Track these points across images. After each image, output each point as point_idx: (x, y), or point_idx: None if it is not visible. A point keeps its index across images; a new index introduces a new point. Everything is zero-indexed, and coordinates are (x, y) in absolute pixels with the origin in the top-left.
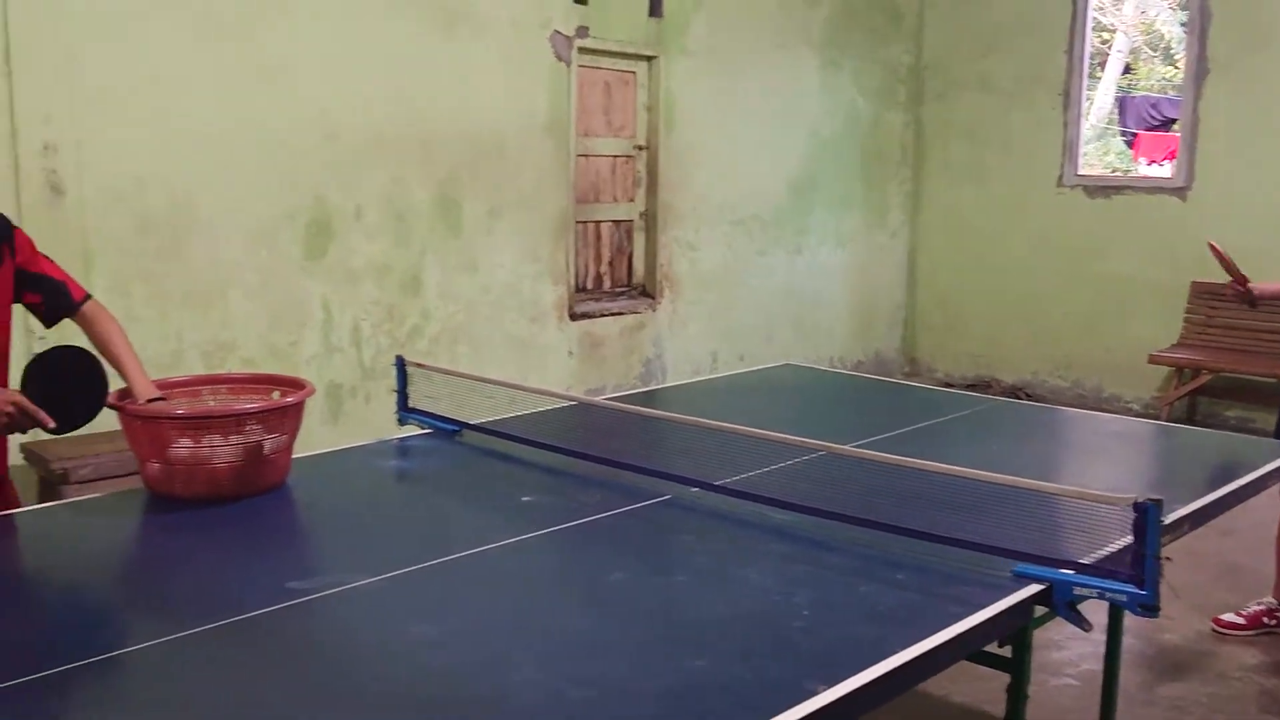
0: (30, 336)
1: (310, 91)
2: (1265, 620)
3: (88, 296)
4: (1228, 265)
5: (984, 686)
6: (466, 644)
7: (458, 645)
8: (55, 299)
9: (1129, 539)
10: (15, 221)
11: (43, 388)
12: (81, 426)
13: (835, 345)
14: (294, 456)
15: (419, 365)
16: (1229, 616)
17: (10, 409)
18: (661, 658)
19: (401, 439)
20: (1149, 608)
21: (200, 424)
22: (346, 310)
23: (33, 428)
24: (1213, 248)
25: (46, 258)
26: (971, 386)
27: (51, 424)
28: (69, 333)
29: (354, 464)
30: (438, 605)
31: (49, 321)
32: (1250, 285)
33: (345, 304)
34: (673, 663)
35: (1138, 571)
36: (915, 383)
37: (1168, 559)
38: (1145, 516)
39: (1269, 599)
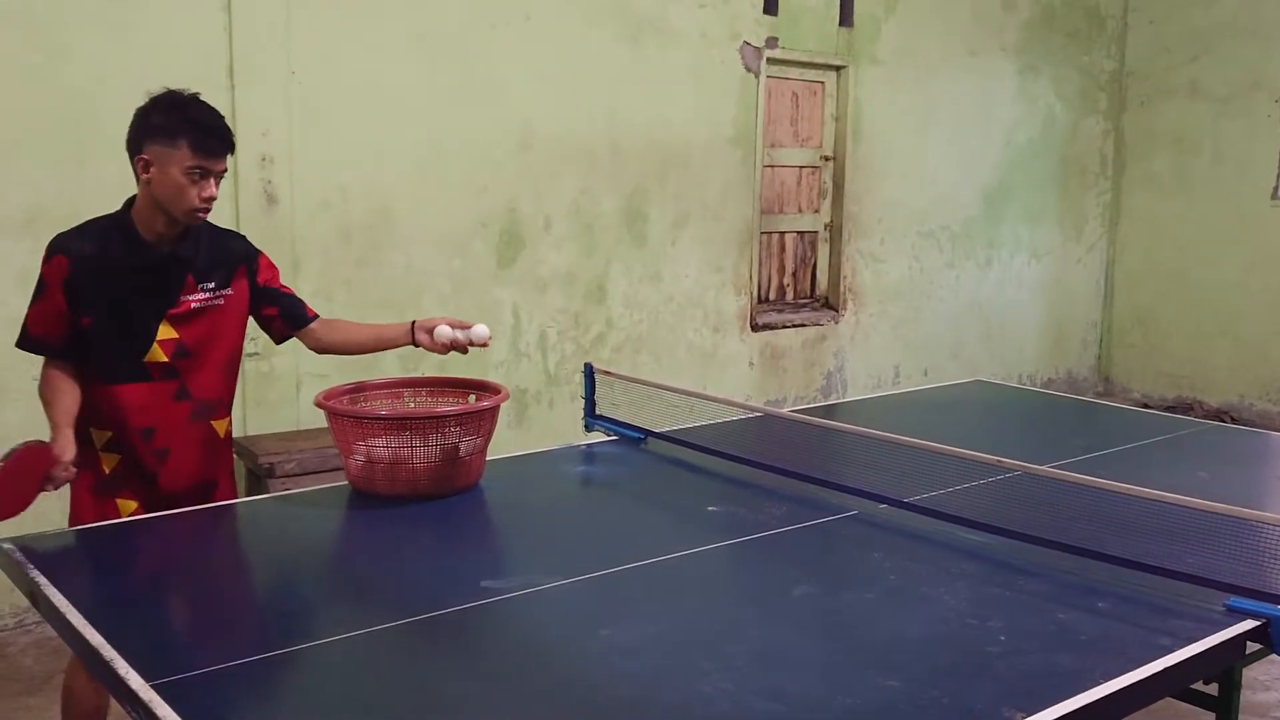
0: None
1: (508, 104)
2: None
3: (316, 315)
4: None
5: None
6: (656, 650)
7: (648, 651)
8: (292, 313)
9: None
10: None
11: None
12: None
13: (1025, 362)
14: (486, 459)
15: (606, 373)
16: None
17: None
18: (852, 675)
19: (589, 445)
20: None
21: (402, 425)
22: (534, 318)
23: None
24: None
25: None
26: (1171, 409)
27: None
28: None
29: (543, 468)
30: (628, 610)
31: (281, 337)
32: None
33: (533, 311)
34: (864, 681)
35: None
36: (1112, 403)
37: None
38: None
39: None
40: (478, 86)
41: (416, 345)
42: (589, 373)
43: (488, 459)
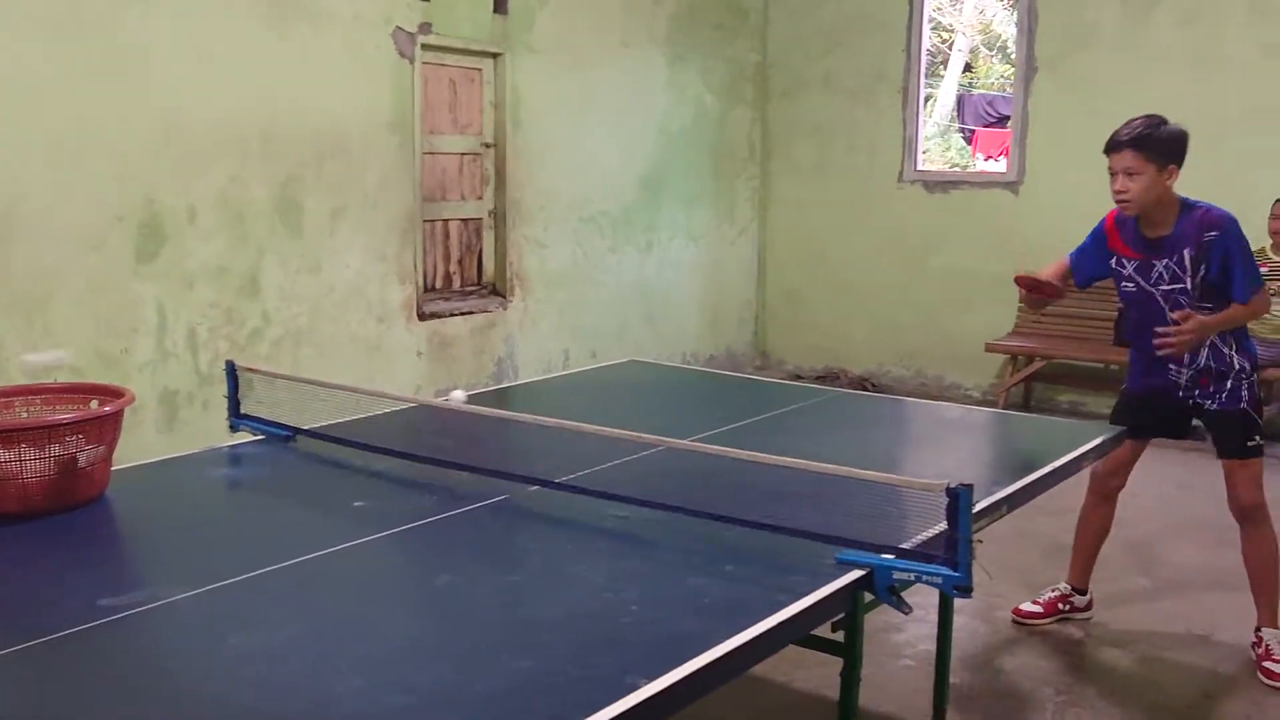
0: None
1: (144, 88)
2: (1061, 606)
3: None
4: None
5: (825, 672)
6: (290, 654)
7: (280, 656)
8: None
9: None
10: None
11: None
12: None
13: (687, 341)
14: (119, 468)
15: (251, 370)
16: (1027, 606)
17: None
18: (488, 660)
19: (232, 446)
20: (963, 589)
21: (7, 436)
22: (181, 315)
23: None
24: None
25: None
26: (820, 379)
27: None
28: None
29: (180, 474)
30: (261, 616)
31: None
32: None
33: (180, 308)
34: (499, 664)
35: (951, 554)
36: (764, 376)
37: (979, 541)
38: (957, 501)
39: (1063, 585)
40: (109, 69)
41: None
42: (230, 370)
43: (121, 467)
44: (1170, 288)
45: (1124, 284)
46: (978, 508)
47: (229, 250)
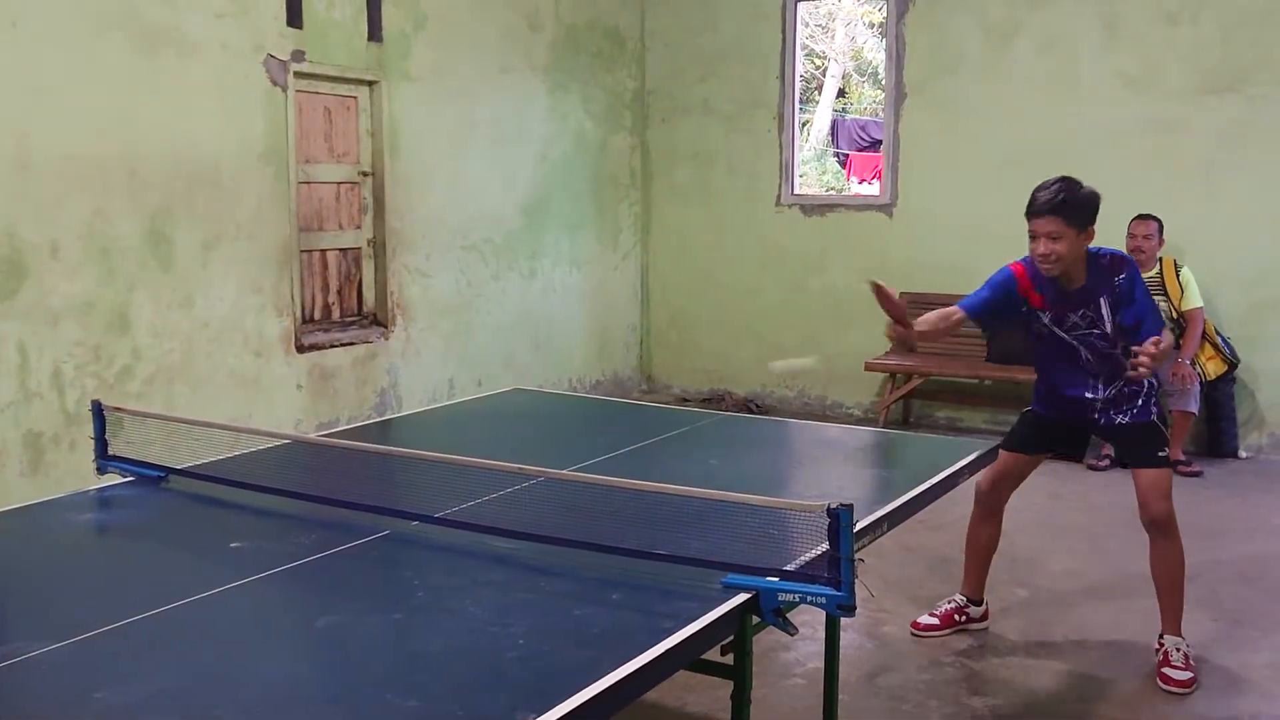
0: None
1: None
2: (957, 618)
3: None
4: (891, 304)
5: (717, 695)
6: (163, 707)
7: (153, 710)
8: None
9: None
10: None
11: None
12: None
13: (573, 367)
14: None
15: (119, 409)
16: (925, 619)
17: None
18: (373, 701)
19: (100, 489)
20: (846, 608)
21: None
22: (45, 353)
23: None
24: (877, 288)
25: None
26: (706, 401)
27: None
28: None
29: (42, 520)
30: (132, 668)
31: None
32: (912, 325)
33: (43, 346)
34: (385, 705)
35: (834, 574)
36: (650, 401)
37: (861, 560)
38: (838, 521)
39: (958, 596)
40: None
41: None
42: (97, 410)
43: None
44: (1086, 333)
45: (1038, 328)
46: (858, 527)
47: (96, 285)
